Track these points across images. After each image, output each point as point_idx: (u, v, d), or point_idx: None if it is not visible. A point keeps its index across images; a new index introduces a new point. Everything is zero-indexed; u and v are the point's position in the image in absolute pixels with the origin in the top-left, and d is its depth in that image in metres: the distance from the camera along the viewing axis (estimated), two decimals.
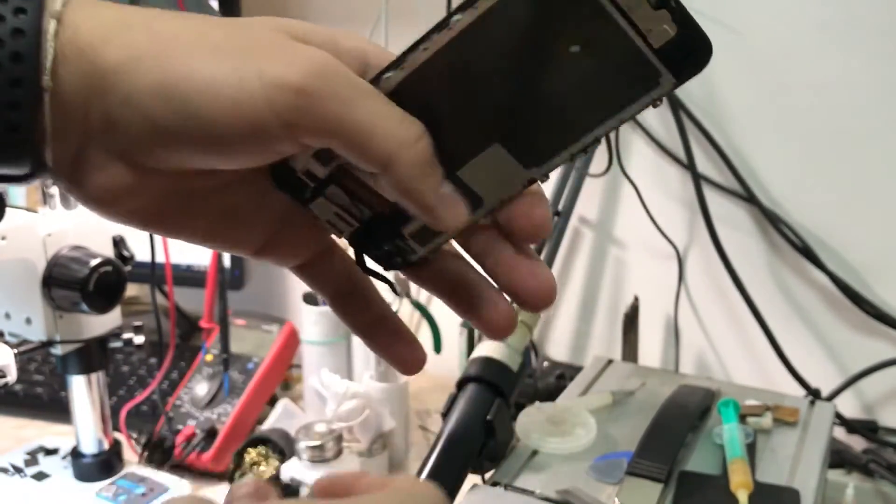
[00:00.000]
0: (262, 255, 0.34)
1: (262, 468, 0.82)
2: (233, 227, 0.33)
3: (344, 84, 0.27)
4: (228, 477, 0.83)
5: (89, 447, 0.84)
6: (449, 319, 0.97)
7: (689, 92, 0.94)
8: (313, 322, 0.94)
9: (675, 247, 0.97)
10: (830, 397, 0.88)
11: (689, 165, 0.92)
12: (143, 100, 0.27)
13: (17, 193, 1.14)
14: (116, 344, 0.81)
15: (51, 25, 0.27)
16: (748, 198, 0.92)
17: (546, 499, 0.56)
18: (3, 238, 0.73)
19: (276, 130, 0.27)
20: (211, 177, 0.30)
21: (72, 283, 0.74)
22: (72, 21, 0.28)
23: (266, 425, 0.90)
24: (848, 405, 0.91)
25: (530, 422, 0.65)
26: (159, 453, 0.88)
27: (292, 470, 0.77)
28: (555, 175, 0.96)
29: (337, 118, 0.27)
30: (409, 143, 0.27)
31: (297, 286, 1.12)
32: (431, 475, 0.60)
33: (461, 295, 0.33)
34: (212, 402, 0.92)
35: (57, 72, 0.27)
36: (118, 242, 0.80)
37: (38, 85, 0.27)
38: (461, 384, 0.65)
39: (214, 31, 0.28)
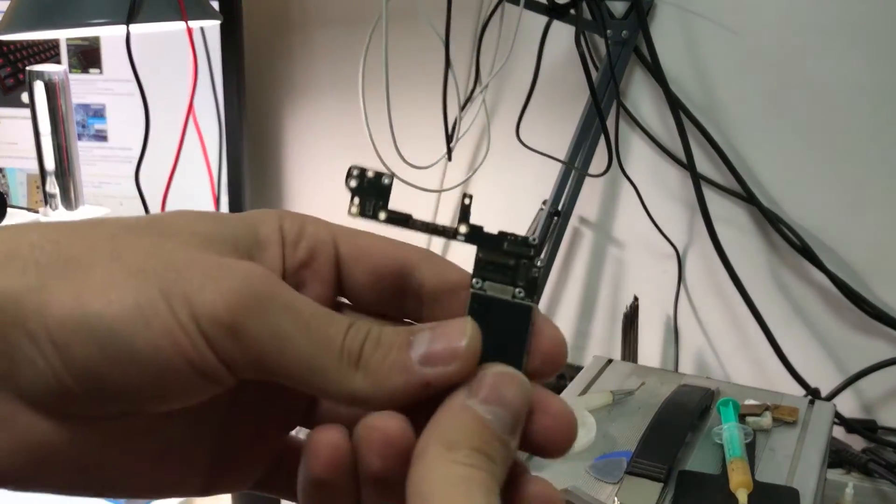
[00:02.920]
0: (210, 490, 0.28)
1: None
2: (173, 468, 0.27)
3: (280, 313, 0.23)
4: None
5: None
6: None
7: (689, 92, 0.94)
8: None
9: (674, 247, 0.97)
10: (830, 397, 0.88)
11: (689, 165, 0.92)
12: (55, 336, 0.23)
13: (18, 193, 1.14)
14: None
15: None
16: (747, 198, 0.93)
17: None
18: None
19: (212, 361, 0.23)
20: (133, 422, 0.25)
21: None
22: None
23: None
24: (847, 405, 0.91)
25: None
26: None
27: None
28: (555, 175, 0.96)
29: (275, 358, 0.23)
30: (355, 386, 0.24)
31: None
32: None
33: None
34: None
35: None
36: None
37: None
38: None
39: (131, 246, 0.24)
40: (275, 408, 0.28)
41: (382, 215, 0.26)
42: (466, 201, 0.25)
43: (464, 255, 0.25)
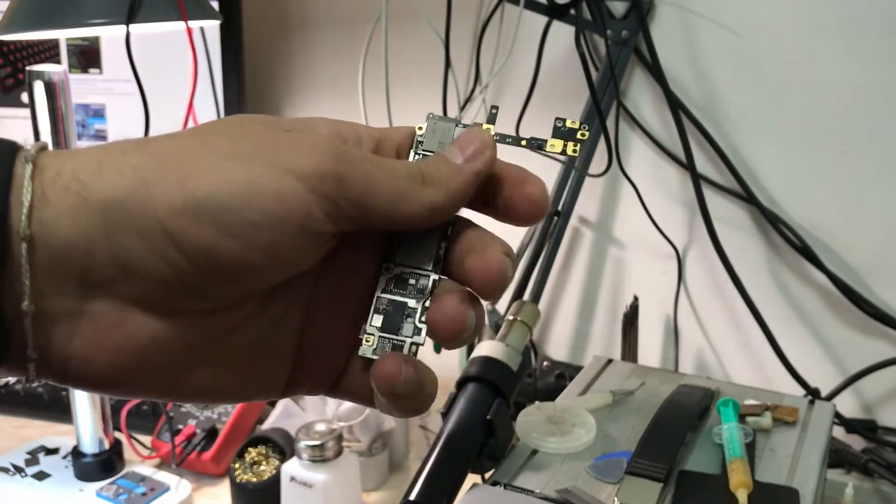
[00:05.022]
0: (290, 390, 0.31)
1: (262, 467, 0.82)
2: (259, 366, 0.29)
3: (364, 162, 0.28)
4: (229, 476, 0.83)
5: (90, 447, 0.84)
6: None
7: (689, 92, 0.94)
8: None
9: (674, 247, 0.97)
10: (830, 397, 0.88)
11: (689, 165, 0.92)
12: (168, 225, 0.24)
13: None
14: None
15: (26, 169, 0.24)
16: (747, 198, 0.93)
17: (546, 498, 0.56)
18: None
19: (320, 216, 0.26)
20: (235, 310, 0.28)
21: None
22: (50, 164, 0.24)
23: (266, 425, 0.90)
24: (847, 405, 0.91)
25: (530, 421, 0.65)
26: None
27: (292, 469, 0.77)
28: (554, 175, 0.96)
29: (370, 194, 0.27)
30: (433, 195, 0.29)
31: None
32: (431, 474, 0.60)
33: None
34: None
35: (39, 217, 0.23)
36: None
37: (8, 234, 0.23)
38: (461, 384, 0.65)
39: (216, 140, 0.27)
40: (345, 301, 0.31)
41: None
42: (494, 111, 0.32)
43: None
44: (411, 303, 0.30)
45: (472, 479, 0.61)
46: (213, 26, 0.98)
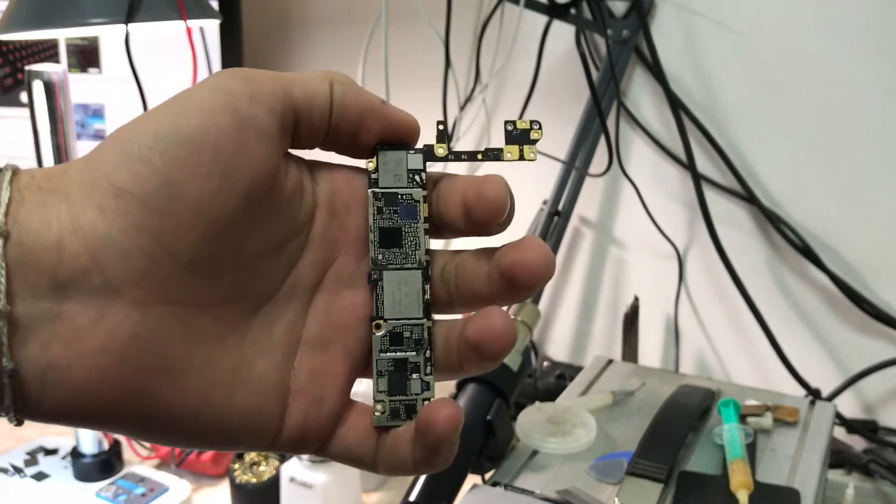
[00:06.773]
0: (283, 435, 0.28)
1: (261, 468, 0.82)
2: (248, 387, 0.27)
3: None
4: (229, 477, 0.83)
5: (89, 447, 0.84)
6: None
7: (689, 92, 0.94)
8: None
9: (675, 247, 0.97)
10: (830, 397, 0.88)
11: (689, 165, 0.92)
12: (115, 180, 0.24)
13: None
14: None
15: (6, 175, 0.24)
16: (748, 198, 0.92)
17: (546, 499, 0.56)
18: None
19: (244, 103, 0.26)
20: (221, 307, 0.27)
21: None
22: (27, 172, 0.25)
23: None
24: (848, 405, 0.91)
25: (530, 422, 0.65)
26: None
27: (292, 470, 0.77)
28: (555, 175, 0.96)
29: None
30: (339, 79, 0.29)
31: None
32: (431, 475, 0.60)
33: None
34: None
35: (14, 214, 0.24)
36: None
37: None
38: (461, 384, 0.65)
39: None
40: (335, 338, 0.29)
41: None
42: (440, 127, 0.31)
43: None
44: (412, 356, 0.28)
45: (472, 479, 0.61)
46: (212, 26, 0.98)
